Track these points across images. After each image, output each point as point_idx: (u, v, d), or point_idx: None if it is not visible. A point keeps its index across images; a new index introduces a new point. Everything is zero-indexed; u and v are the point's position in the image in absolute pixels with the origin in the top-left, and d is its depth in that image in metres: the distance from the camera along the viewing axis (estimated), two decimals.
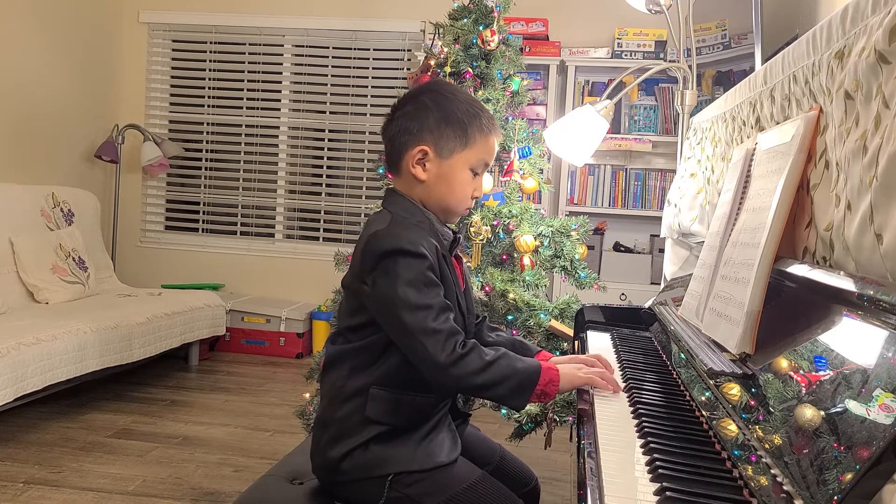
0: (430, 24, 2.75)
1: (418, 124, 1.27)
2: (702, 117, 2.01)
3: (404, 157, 1.28)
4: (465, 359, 1.17)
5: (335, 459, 1.24)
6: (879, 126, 0.83)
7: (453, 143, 1.27)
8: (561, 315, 2.32)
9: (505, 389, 1.19)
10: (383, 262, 1.19)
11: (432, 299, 1.19)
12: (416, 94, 1.32)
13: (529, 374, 1.20)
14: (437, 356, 1.16)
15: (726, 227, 1.26)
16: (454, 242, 1.34)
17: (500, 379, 1.19)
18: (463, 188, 1.30)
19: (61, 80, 4.37)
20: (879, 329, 0.73)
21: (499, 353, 1.21)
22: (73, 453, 2.70)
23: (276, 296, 4.70)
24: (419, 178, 1.28)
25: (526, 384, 1.20)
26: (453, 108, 1.28)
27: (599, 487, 0.83)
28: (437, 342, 1.16)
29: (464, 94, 1.33)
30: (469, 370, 1.17)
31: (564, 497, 2.47)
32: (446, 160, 1.28)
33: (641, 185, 4.21)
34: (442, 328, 1.17)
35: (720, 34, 3.96)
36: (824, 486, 0.64)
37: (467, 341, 1.20)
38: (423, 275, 1.19)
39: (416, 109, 1.28)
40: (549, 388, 1.20)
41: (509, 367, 1.20)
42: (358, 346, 1.27)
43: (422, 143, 1.27)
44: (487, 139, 1.31)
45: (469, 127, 1.28)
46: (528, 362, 1.23)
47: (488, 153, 1.32)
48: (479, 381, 1.18)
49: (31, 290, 3.55)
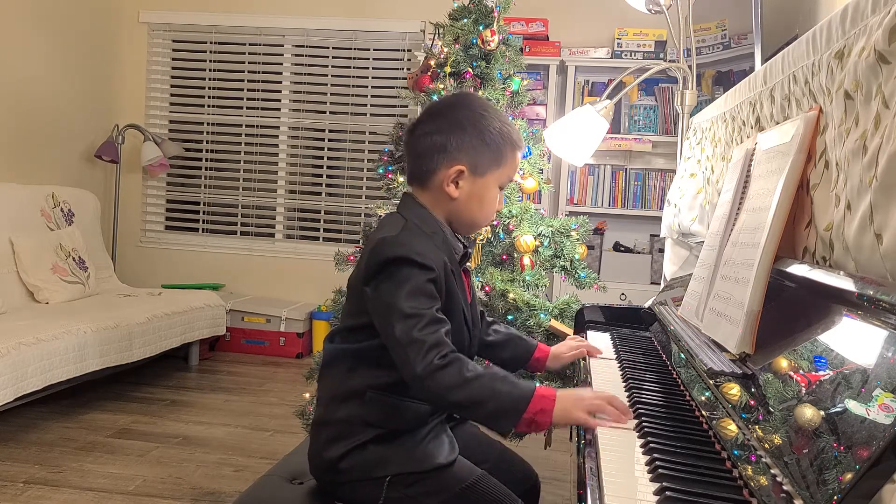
0: (430, 24, 2.76)
1: (456, 143, 1.26)
2: (702, 117, 2.01)
3: (437, 174, 1.27)
4: (441, 371, 1.11)
5: (333, 459, 1.24)
6: (879, 126, 0.83)
7: (488, 163, 1.28)
8: (561, 315, 2.32)
9: (483, 412, 1.13)
10: (388, 268, 1.19)
11: (425, 310, 1.16)
12: (446, 111, 1.30)
13: (515, 400, 1.11)
14: (415, 366, 1.12)
15: (726, 227, 1.26)
16: (464, 256, 1.34)
17: (480, 399, 1.11)
18: (492, 205, 1.31)
19: (61, 80, 4.37)
20: (879, 329, 0.73)
21: (484, 372, 1.14)
22: (73, 453, 2.70)
23: (276, 296, 4.70)
24: (452, 196, 1.27)
25: (510, 410, 1.11)
26: (489, 128, 1.28)
27: (599, 487, 0.83)
28: (418, 352, 1.12)
29: (495, 111, 1.32)
30: (444, 385, 1.11)
31: (564, 497, 2.47)
32: (481, 179, 1.28)
33: (641, 185, 4.21)
34: (426, 339, 1.13)
35: (720, 34, 3.96)
36: (824, 485, 0.64)
37: (451, 353, 1.14)
38: (423, 286, 1.18)
39: (451, 127, 1.27)
40: (539, 418, 1.10)
41: (490, 389, 1.11)
42: (356, 349, 1.26)
43: (458, 162, 1.26)
44: (515, 156, 1.32)
45: (503, 146, 1.29)
46: (520, 387, 1.13)
47: (514, 169, 1.34)
48: (454, 398, 1.12)
49: (31, 290, 3.55)
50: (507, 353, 1.48)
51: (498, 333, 1.49)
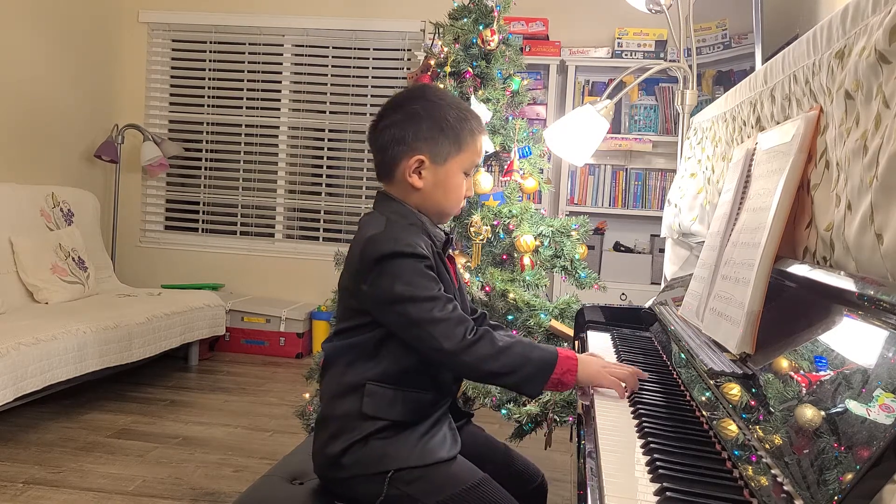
0: (430, 23, 2.75)
1: (413, 134, 1.28)
2: (702, 117, 2.01)
3: (399, 166, 1.30)
4: (475, 346, 1.18)
5: (335, 455, 1.24)
6: (880, 126, 0.83)
7: (447, 150, 1.30)
8: (561, 315, 2.32)
9: (518, 377, 1.20)
10: (381, 265, 1.21)
11: (435, 292, 1.21)
12: (403, 102, 1.32)
13: (545, 362, 1.20)
14: (446, 344, 1.18)
15: (726, 226, 1.26)
16: (447, 243, 1.35)
17: (514, 366, 1.20)
18: (458, 191, 1.33)
19: (61, 79, 4.37)
20: (880, 329, 0.73)
21: (513, 340, 1.23)
22: (73, 453, 2.70)
23: (276, 296, 4.70)
24: (416, 187, 1.30)
25: (540, 372, 1.20)
26: (445, 115, 1.30)
27: (600, 487, 0.83)
28: (446, 330, 1.18)
29: (451, 98, 1.36)
30: (480, 356, 1.19)
31: (564, 497, 2.47)
32: (442, 167, 1.30)
33: (641, 184, 4.21)
34: (450, 317, 1.19)
35: (720, 34, 3.96)
36: (824, 486, 0.64)
37: (478, 328, 1.21)
38: (422, 271, 1.22)
39: (407, 118, 1.29)
40: (565, 378, 1.20)
41: (523, 356, 1.20)
42: (352, 343, 1.28)
43: (417, 152, 1.29)
44: (476, 140, 1.34)
45: (461, 132, 1.31)
46: (545, 349, 1.23)
47: (478, 154, 1.36)
48: (491, 367, 1.19)
49: (30, 290, 3.55)
50: None
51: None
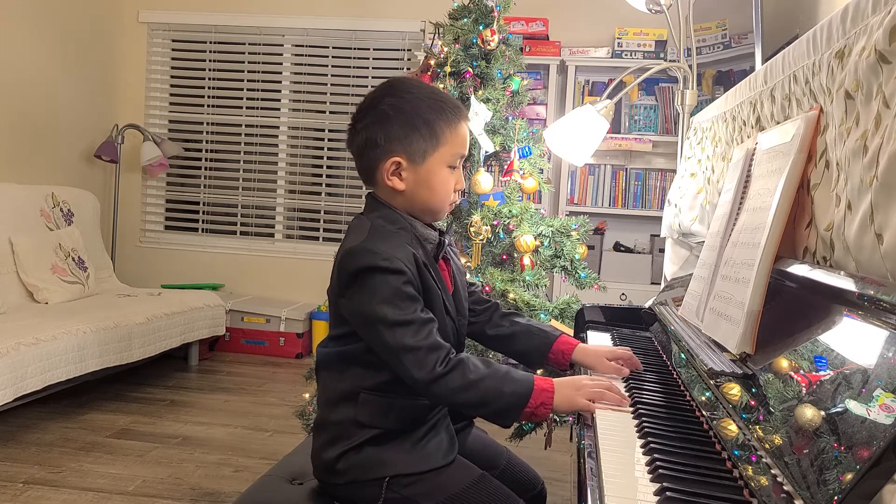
0: (430, 23, 2.75)
1: (384, 136, 1.21)
2: (702, 117, 2.01)
3: (377, 170, 1.23)
4: (446, 377, 1.13)
5: (331, 461, 1.23)
6: (880, 126, 0.83)
7: (424, 146, 1.21)
8: (561, 315, 2.32)
9: (489, 410, 1.16)
10: (359, 279, 1.16)
11: (411, 315, 1.15)
12: (373, 103, 1.24)
13: (517, 396, 1.15)
14: (416, 373, 1.13)
15: (726, 226, 1.26)
16: (440, 246, 1.28)
17: (485, 400, 1.15)
18: (444, 187, 1.25)
19: (61, 79, 4.37)
20: (880, 329, 0.73)
21: (486, 371, 1.16)
22: (73, 453, 2.70)
23: (276, 296, 4.70)
24: (398, 189, 1.23)
25: (513, 407, 1.15)
26: (415, 110, 1.21)
27: (600, 487, 0.83)
28: (416, 359, 1.13)
29: (422, 89, 1.26)
30: (450, 388, 1.14)
31: (564, 497, 2.47)
32: (421, 165, 1.22)
33: (641, 184, 4.21)
34: (421, 345, 1.13)
35: (720, 34, 3.96)
36: (824, 486, 0.64)
37: (451, 357, 1.15)
38: (399, 290, 1.15)
39: (377, 120, 1.22)
40: (539, 411, 1.15)
41: (495, 389, 1.15)
42: (344, 351, 1.25)
43: (392, 154, 1.21)
44: (457, 130, 1.24)
45: (436, 124, 1.22)
46: (519, 381, 1.16)
47: (461, 144, 1.26)
48: (461, 399, 1.15)
49: (30, 290, 3.55)
50: (520, 346, 1.43)
51: (515, 325, 1.44)
